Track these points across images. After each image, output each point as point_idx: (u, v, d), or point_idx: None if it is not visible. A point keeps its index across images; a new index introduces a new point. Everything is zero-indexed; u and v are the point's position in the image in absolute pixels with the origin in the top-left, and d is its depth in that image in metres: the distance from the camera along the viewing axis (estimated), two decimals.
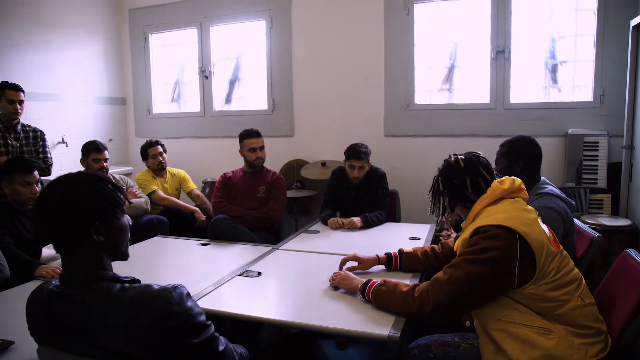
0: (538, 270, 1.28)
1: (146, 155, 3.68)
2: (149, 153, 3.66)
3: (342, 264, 1.84)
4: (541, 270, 1.28)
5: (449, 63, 3.76)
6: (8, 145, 3.03)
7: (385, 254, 1.88)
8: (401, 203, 3.34)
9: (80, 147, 3.12)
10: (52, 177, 2.18)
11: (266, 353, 1.48)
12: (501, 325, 1.33)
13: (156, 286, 1.00)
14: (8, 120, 3.03)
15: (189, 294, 1.03)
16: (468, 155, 1.53)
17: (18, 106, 3.01)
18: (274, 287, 1.82)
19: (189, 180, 3.85)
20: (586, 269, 1.81)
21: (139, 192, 3.30)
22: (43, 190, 1.05)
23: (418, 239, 2.45)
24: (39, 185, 2.29)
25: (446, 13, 3.71)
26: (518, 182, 1.47)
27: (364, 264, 1.85)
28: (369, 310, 1.47)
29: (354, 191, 3.00)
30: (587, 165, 3.20)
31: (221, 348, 1.05)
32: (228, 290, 1.73)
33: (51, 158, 3.23)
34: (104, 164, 3.07)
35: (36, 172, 2.29)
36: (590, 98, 3.35)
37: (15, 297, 1.65)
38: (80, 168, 3.10)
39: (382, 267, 1.88)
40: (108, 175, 3.14)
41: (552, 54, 3.52)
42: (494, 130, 3.52)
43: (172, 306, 0.96)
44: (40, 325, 1.05)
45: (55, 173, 3.17)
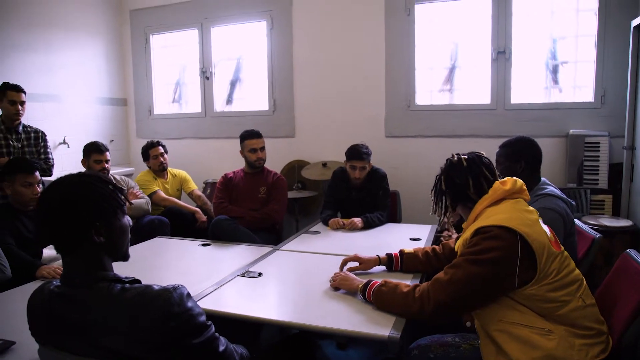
0: (539, 271, 1.28)
1: (147, 156, 3.68)
2: (150, 154, 3.66)
3: (343, 265, 1.84)
4: (542, 271, 1.28)
5: (450, 64, 3.76)
6: (9, 146, 3.03)
7: (386, 255, 1.88)
8: (402, 204, 3.34)
9: (81, 148, 3.12)
10: (54, 178, 2.19)
11: (266, 353, 1.48)
12: (502, 325, 1.33)
13: (157, 286, 1.00)
14: (9, 121, 3.04)
15: (190, 295, 1.03)
16: (471, 155, 1.52)
17: (19, 107, 3.02)
18: (275, 288, 1.82)
19: (190, 181, 3.85)
20: (587, 270, 1.81)
21: (140, 193, 3.30)
22: (44, 191, 1.05)
23: (419, 240, 2.45)
24: (40, 186, 2.29)
25: (447, 14, 3.71)
26: (520, 183, 1.47)
27: (365, 265, 1.85)
28: (370, 310, 1.47)
29: (355, 192, 3.00)
30: (588, 165, 3.20)
31: (221, 348, 1.06)
32: (229, 290, 1.73)
33: (52, 159, 3.23)
34: (106, 165, 3.07)
35: (37, 173, 2.29)
36: (591, 99, 3.35)
37: (16, 298, 1.65)
38: (81, 169, 3.11)
39: (383, 268, 1.88)
40: (109, 176, 3.15)
41: (553, 55, 3.51)
42: (495, 130, 3.52)
43: (173, 307, 0.97)
44: (41, 325, 1.05)
45: (56, 174, 3.18)
